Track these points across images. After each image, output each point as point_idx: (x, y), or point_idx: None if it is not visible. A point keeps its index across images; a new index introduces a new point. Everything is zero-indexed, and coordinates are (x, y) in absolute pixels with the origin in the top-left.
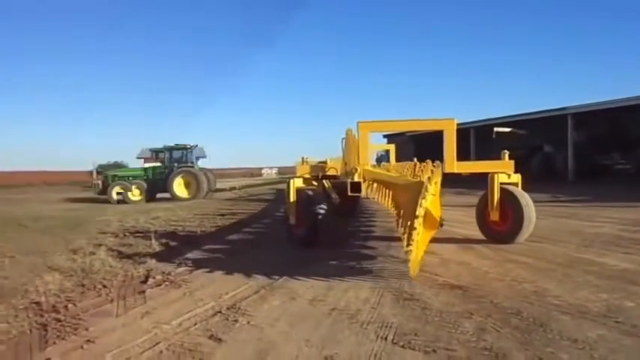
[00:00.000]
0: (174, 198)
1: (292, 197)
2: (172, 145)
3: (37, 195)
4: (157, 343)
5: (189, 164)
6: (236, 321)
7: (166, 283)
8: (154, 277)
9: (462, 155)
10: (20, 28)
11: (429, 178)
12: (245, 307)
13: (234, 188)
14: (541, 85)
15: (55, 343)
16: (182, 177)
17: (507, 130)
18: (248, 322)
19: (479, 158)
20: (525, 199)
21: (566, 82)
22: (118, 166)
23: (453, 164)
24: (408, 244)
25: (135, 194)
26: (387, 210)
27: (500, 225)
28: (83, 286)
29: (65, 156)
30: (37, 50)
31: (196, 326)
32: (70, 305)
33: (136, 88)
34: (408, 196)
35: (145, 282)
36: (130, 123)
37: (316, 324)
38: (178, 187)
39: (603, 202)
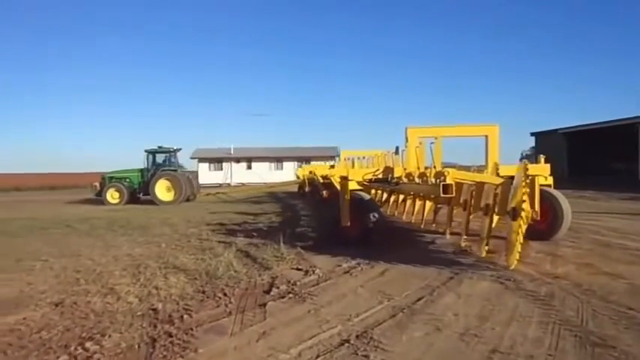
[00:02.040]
0: (156, 202)
1: (347, 200)
2: (155, 147)
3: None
4: None
5: (173, 168)
6: (367, 357)
7: (290, 295)
8: (278, 287)
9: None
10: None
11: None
12: (379, 337)
13: (219, 193)
14: None
15: None
16: (164, 180)
17: None
18: None
19: None
20: (564, 199)
21: None
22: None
23: (497, 168)
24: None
25: (113, 197)
26: None
27: (540, 223)
28: (204, 292)
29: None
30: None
31: None
32: (185, 316)
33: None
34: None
35: (268, 292)
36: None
37: None
38: (160, 190)
39: None
